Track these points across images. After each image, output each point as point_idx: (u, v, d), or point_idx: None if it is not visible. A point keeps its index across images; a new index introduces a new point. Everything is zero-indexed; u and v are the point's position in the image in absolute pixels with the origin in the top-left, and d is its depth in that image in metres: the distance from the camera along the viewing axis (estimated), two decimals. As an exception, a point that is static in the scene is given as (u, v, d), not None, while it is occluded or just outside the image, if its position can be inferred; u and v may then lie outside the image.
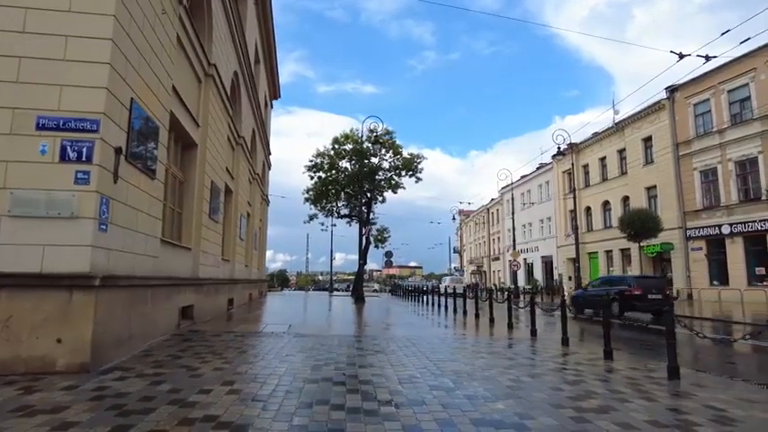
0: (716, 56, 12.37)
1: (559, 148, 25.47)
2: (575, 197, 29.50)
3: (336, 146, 30.01)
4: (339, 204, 31.95)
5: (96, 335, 5.32)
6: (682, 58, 12.00)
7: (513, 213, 38.42)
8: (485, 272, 63.49)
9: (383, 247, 32.73)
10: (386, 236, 32.94)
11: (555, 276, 41.10)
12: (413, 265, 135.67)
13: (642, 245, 25.76)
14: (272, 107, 29.52)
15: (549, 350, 7.84)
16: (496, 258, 58.22)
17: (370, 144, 28.32)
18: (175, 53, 8.44)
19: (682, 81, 25.52)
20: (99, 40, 5.65)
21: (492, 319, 12.50)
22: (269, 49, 23.49)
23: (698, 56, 12.12)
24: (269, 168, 28.39)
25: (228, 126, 14.11)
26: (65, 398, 4.21)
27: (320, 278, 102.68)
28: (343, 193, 30.99)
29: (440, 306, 17.75)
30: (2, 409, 3.86)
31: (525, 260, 46.39)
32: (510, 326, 11.02)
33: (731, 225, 24.08)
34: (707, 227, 25.55)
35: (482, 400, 4.46)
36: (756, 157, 23.11)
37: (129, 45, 6.22)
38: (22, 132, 5.34)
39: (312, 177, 30.64)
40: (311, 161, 30.55)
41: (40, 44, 5.50)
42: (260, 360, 6.42)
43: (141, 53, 6.64)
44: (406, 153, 30.12)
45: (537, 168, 45.98)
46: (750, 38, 11.35)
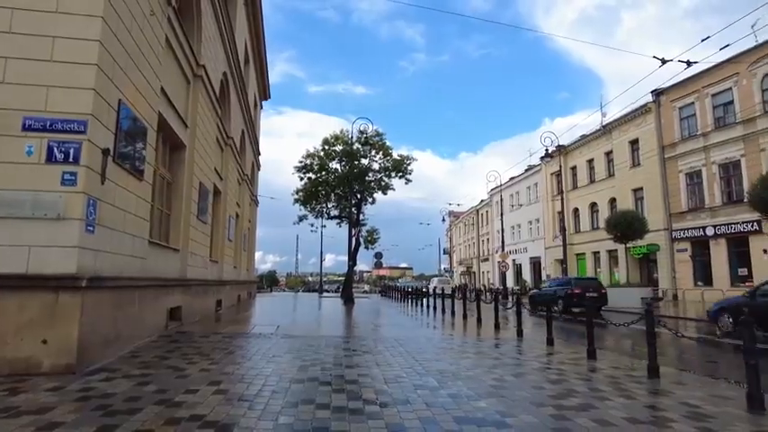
0: (697, 61, 12.65)
1: (547, 150, 25.75)
2: (562, 199, 29.83)
3: (326, 147, 30.03)
4: (329, 205, 31.92)
5: (82, 336, 5.32)
6: (664, 63, 12.25)
7: (502, 215, 38.69)
8: (474, 273, 63.82)
9: (373, 249, 32.88)
10: (376, 237, 33.07)
11: (543, 277, 41.40)
12: (403, 266, 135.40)
13: (628, 246, 26.09)
14: (261, 107, 29.45)
15: (534, 350, 7.96)
16: (486, 259, 58.53)
17: (360, 145, 28.35)
18: (164, 54, 8.44)
19: (668, 85, 25.93)
20: (86, 41, 5.66)
21: (479, 320, 12.63)
22: (259, 50, 23.45)
23: (680, 61, 12.38)
24: (258, 169, 28.33)
25: (217, 127, 14.09)
26: (50, 399, 4.21)
27: (310, 279, 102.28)
28: (333, 195, 30.96)
29: (428, 307, 17.86)
30: (-13, 409, 3.86)
31: (514, 261, 46.68)
32: (497, 326, 11.15)
33: (715, 227, 24.48)
34: (692, 228, 25.96)
35: (465, 399, 4.54)
36: (739, 160, 23.53)
37: (117, 46, 6.23)
38: (7, 133, 5.33)
39: (302, 178, 30.64)
40: (301, 162, 30.55)
41: (26, 45, 5.49)
42: (247, 361, 6.45)
43: (129, 54, 6.64)
44: (395, 154, 30.26)
45: (525, 170, 46.32)
46: (730, 44, 11.70)
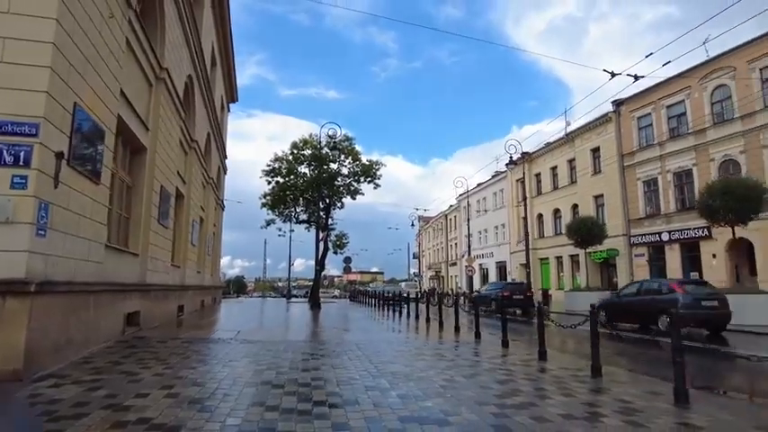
0: (643, 76, 13.58)
1: (512, 157, 26.30)
2: (526, 205, 30.52)
3: (295, 151, 29.88)
4: (297, 210, 31.69)
5: (31, 341, 5.24)
6: (614, 76, 13.08)
7: (469, 220, 39.37)
8: (443, 277, 64.49)
9: (342, 253, 32.73)
10: (345, 241, 32.91)
11: (508, 280, 42.19)
12: (374, 270, 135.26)
13: (589, 251, 26.92)
14: (229, 110, 29.17)
15: (489, 351, 8.22)
16: (453, 264, 59.26)
17: (328, 150, 28.36)
18: (125, 57, 8.37)
19: (628, 95, 27.00)
20: (39, 43, 5.60)
21: (441, 323, 12.88)
22: (226, 53, 23.27)
23: (628, 75, 13.22)
24: (225, 173, 28.03)
25: (181, 130, 13.95)
26: (-6, 405, 4.17)
27: (280, 284, 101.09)
28: (301, 199, 30.76)
29: (395, 311, 18.04)
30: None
31: (481, 266, 47.46)
32: (457, 329, 11.41)
33: (670, 233, 25.56)
34: (649, 234, 27.01)
35: (413, 399, 4.70)
36: (691, 169, 24.67)
37: (73, 48, 6.17)
38: (-46, 135, 5.23)
39: (270, 182, 30.35)
40: (269, 166, 30.22)
41: (-24, 46, 5.41)
42: (202, 365, 6.47)
43: (86, 57, 6.58)
44: (365, 159, 30.35)
45: (492, 176, 47.20)
46: (670, 61, 12.85)
